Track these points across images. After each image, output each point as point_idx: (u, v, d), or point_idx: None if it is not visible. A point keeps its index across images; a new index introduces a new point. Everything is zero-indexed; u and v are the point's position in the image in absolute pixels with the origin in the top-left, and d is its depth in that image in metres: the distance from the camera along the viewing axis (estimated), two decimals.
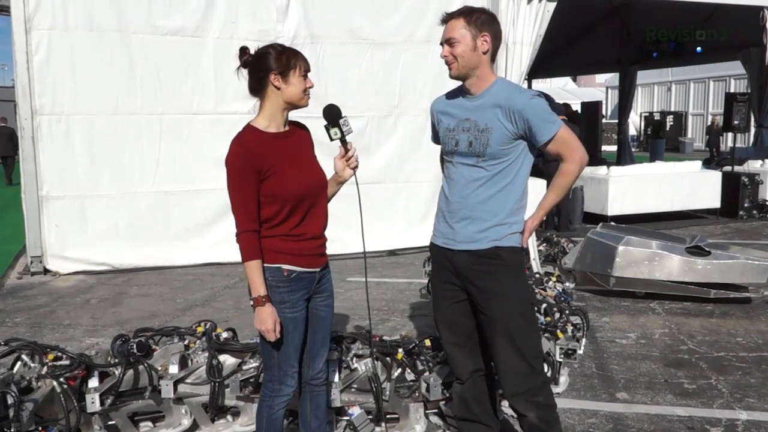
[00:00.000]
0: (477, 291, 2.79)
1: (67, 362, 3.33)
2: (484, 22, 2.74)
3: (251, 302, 2.59)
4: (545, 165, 8.87)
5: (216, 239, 7.77)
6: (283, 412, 2.79)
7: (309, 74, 2.66)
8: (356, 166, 2.74)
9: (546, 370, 3.65)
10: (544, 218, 2.97)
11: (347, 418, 3.33)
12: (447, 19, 2.79)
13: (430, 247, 3.01)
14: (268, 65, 2.61)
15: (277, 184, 2.56)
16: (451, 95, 2.93)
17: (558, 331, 4.10)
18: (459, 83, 2.84)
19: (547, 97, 2.92)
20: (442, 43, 2.79)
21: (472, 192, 2.77)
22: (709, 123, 27.37)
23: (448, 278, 2.88)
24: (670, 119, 31.16)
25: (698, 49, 15.24)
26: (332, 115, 2.68)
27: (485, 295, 2.77)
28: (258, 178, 2.54)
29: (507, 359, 2.78)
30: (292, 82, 2.61)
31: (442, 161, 3.03)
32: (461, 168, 2.80)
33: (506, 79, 2.98)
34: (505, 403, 3.51)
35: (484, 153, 2.72)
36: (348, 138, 2.72)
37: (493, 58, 2.80)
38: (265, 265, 2.62)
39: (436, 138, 3.05)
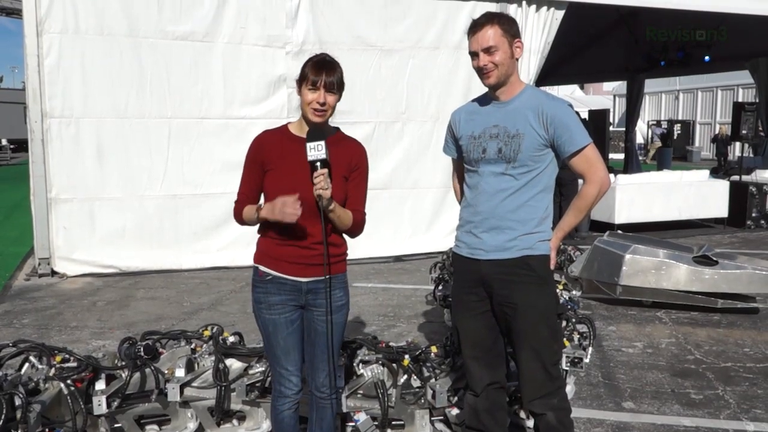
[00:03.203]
0: (503, 300, 2.77)
1: (74, 364, 3.33)
2: (513, 25, 2.74)
3: (255, 215, 2.66)
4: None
5: (223, 243, 7.81)
6: (290, 414, 2.81)
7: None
8: (320, 195, 2.51)
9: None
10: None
11: (353, 424, 3.33)
12: (479, 27, 2.71)
13: (453, 258, 2.99)
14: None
15: (268, 179, 2.68)
16: (475, 103, 2.91)
17: (564, 339, 4.09)
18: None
19: None
20: (474, 53, 2.72)
21: (500, 202, 2.74)
22: (716, 132, 27.31)
23: (472, 289, 2.85)
24: (677, 128, 31.10)
25: (706, 57, 15.19)
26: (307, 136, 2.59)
27: (511, 305, 2.75)
28: (261, 168, 2.69)
29: (528, 368, 2.79)
30: (302, 93, 2.63)
31: (459, 171, 3.02)
32: (489, 177, 2.77)
33: (536, 87, 2.95)
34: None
35: (515, 158, 2.69)
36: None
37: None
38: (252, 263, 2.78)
39: (449, 149, 3.02)
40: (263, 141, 2.72)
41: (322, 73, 2.59)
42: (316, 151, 2.52)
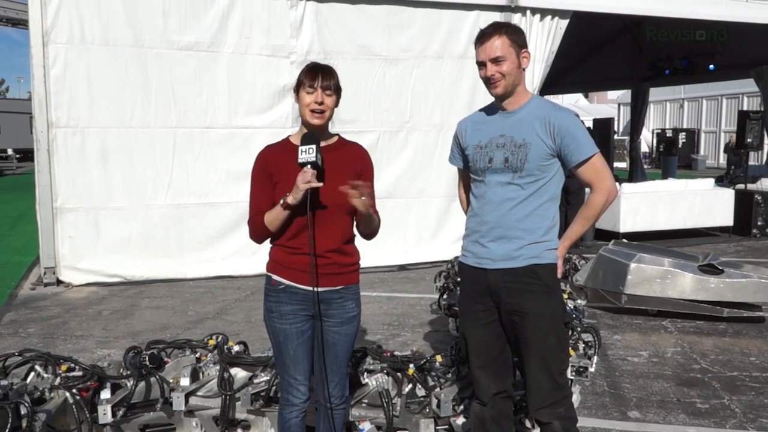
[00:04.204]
0: (512, 309, 2.77)
1: (79, 373, 3.33)
2: (521, 36, 2.75)
3: (282, 204, 2.59)
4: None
5: (228, 252, 7.82)
6: (297, 423, 2.81)
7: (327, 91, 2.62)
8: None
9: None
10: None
11: None
12: (486, 37, 2.71)
13: (460, 267, 2.99)
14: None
15: (278, 191, 2.65)
16: (482, 113, 2.92)
17: (569, 348, 4.08)
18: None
19: None
20: (482, 62, 2.73)
21: (508, 211, 2.74)
22: (726, 141, 27.21)
23: (479, 299, 2.85)
24: (682, 136, 31.06)
25: (711, 66, 15.17)
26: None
27: (520, 314, 2.75)
28: (271, 181, 2.69)
29: (535, 376, 2.79)
30: (300, 98, 2.65)
31: (465, 180, 3.02)
32: (495, 187, 2.77)
33: (542, 97, 2.96)
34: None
35: (522, 168, 2.70)
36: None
37: None
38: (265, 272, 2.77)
39: (455, 159, 3.03)
40: (268, 155, 2.73)
41: (317, 76, 2.63)
42: (307, 154, 2.56)
